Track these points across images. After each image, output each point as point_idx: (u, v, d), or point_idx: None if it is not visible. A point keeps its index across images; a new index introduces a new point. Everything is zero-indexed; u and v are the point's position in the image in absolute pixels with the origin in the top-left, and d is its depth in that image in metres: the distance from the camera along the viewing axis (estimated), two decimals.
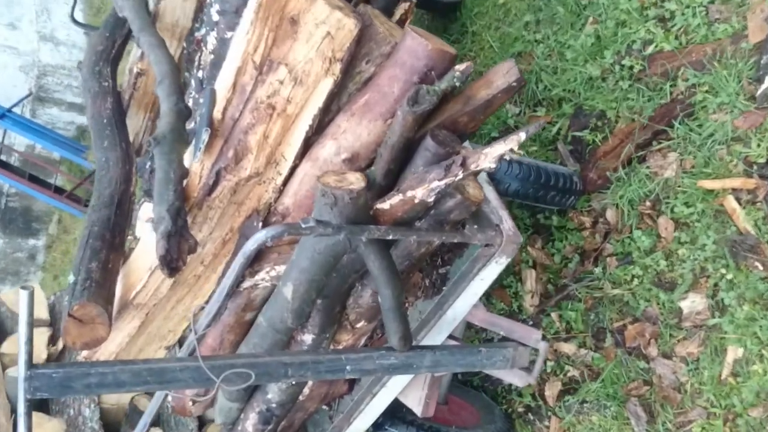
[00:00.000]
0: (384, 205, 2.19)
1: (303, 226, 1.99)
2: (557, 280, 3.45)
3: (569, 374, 3.31)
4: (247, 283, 2.69)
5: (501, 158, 1.97)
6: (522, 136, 1.87)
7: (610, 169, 3.33)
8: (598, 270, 3.24)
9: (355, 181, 2.11)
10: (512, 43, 3.88)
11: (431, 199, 2.13)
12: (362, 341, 2.80)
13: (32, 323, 1.95)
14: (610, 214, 3.30)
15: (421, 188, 2.12)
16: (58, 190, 7.69)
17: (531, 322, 3.48)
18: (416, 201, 2.14)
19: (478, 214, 2.37)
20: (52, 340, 5.60)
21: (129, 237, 3.24)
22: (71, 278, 2.85)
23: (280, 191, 2.67)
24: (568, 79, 3.53)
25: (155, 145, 2.63)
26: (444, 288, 2.63)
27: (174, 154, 2.63)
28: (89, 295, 2.70)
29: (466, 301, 2.56)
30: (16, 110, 7.92)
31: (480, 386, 3.65)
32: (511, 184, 2.90)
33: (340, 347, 2.74)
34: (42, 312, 5.19)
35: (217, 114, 2.55)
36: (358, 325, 2.66)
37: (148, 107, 3.60)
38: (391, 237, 2.13)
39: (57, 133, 8.58)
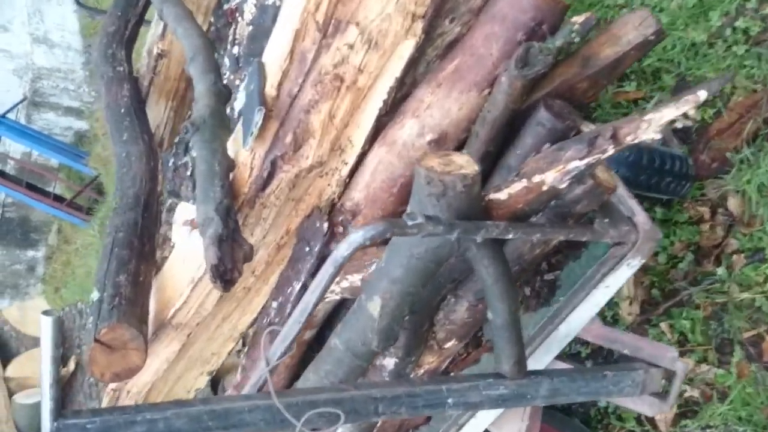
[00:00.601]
0: (500, 195, 1.72)
1: (409, 223, 1.52)
2: (663, 284, 2.96)
3: (686, 394, 2.83)
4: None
5: (666, 127, 1.50)
6: (701, 95, 1.40)
7: (729, 149, 2.85)
8: (721, 270, 2.75)
9: (466, 164, 1.64)
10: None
11: (564, 186, 1.66)
12: (445, 364, 2.33)
13: (59, 359, 1.47)
14: (733, 203, 2.81)
15: (554, 171, 1.65)
16: (58, 199, 7.27)
17: None
18: (545, 188, 1.67)
19: (606, 205, 1.90)
20: (62, 361, 5.10)
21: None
22: (94, 294, 2.38)
23: (345, 184, 2.19)
24: (665, 46, 3.06)
25: (194, 132, 2.16)
26: (552, 298, 2.16)
27: (217, 142, 2.16)
28: (119, 315, 2.22)
29: (584, 314, 2.09)
30: (11, 116, 7.49)
31: (567, 408, 3.18)
32: (618, 170, 2.40)
33: (422, 371, 2.27)
34: None
35: (270, 90, 2.08)
36: (447, 345, 2.20)
37: (171, 95, 3.13)
38: (511, 236, 1.65)
39: (54, 138, 8.12)
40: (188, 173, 2.98)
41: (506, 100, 1.93)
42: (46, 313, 1.50)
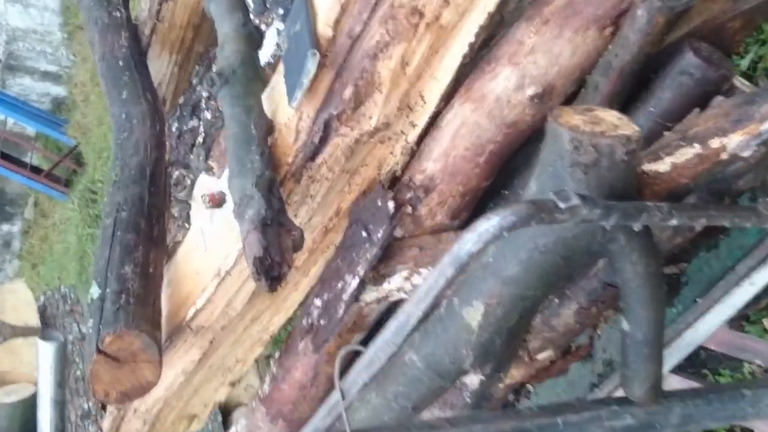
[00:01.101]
0: (659, 165, 1.26)
1: (562, 205, 1.06)
2: None
3: None
4: (370, 296, 1.75)
5: None
6: None
7: None
8: None
9: (620, 122, 1.18)
10: None
11: (748, 153, 1.21)
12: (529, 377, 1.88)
13: (63, 401, 1.00)
14: None
15: (740, 132, 1.19)
16: (35, 170, 6.80)
17: None
18: (724, 156, 1.21)
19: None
20: None
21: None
22: (93, 290, 1.90)
23: (412, 152, 1.72)
24: None
25: (222, 85, 1.68)
26: (675, 297, 1.71)
27: (251, 98, 1.69)
28: (128, 318, 1.76)
29: (716, 318, 1.65)
30: None
31: None
32: None
33: (501, 386, 1.82)
34: (32, 317, 4.21)
35: (324, 30, 1.59)
36: (541, 356, 1.76)
37: (176, 46, 2.63)
38: (675, 222, 1.20)
39: (31, 105, 7.59)
40: (199, 139, 2.49)
41: (641, 41, 1.46)
42: (44, 337, 1.02)
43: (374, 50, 1.57)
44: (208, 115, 2.42)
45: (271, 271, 1.50)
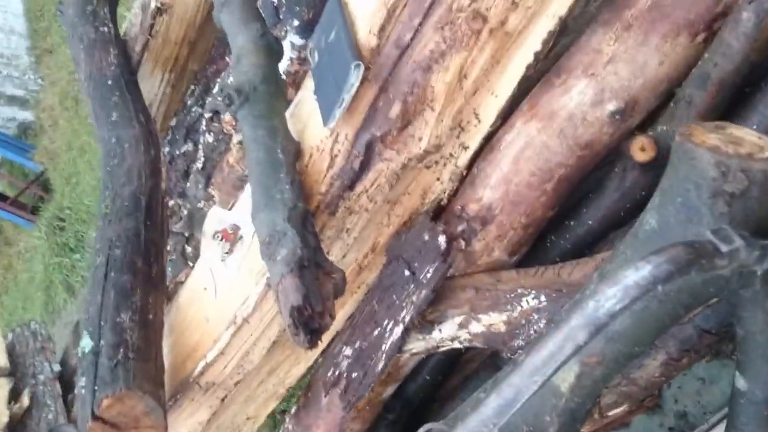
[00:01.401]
0: None
1: (724, 249, 0.83)
2: None
3: None
4: (416, 346, 1.50)
5: None
6: None
7: None
8: None
9: (765, 144, 0.96)
10: None
11: None
12: None
13: None
14: None
15: None
16: (0, 197, 6.47)
17: None
18: None
19: None
20: (14, 395, 4.23)
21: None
22: (85, 343, 1.64)
23: (462, 178, 1.48)
24: None
25: (242, 104, 1.43)
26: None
27: (275, 118, 1.45)
28: (127, 377, 1.49)
29: None
30: None
31: None
32: None
33: None
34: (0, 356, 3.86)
35: (367, 38, 1.35)
36: (612, 413, 1.51)
37: (169, 63, 2.37)
38: None
39: None
40: (197, 165, 2.23)
41: (747, 48, 1.24)
42: None
43: (428, 61, 1.33)
44: (209, 138, 2.16)
45: (310, 322, 1.24)
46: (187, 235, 2.35)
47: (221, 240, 1.64)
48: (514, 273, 1.45)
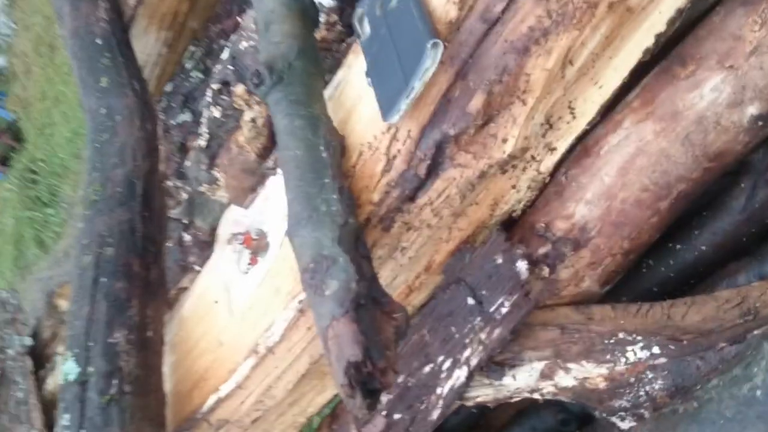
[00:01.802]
0: None
1: None
2: None
3: None
4: (481, 394, 1.22)
5: None
6: None
7: None
8: None
9: None
10: None
11: None
12: None
13: None
14: None
15: None
16: None
17: None
18: None
19: None
20: None
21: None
22: (69, 368, 1.34)
23: (543, 185, 1.18)
24: None
25: (273, 84, 1.11)
26: None
27: (316, 104, 1.15)
28: (123, 419, 1.20)
29: None
30: None
31: None
32: None
33: None
34: None
35: (444, 7, 1.04)
36: None
37: (166, 22, 2.03)
38: None
39: None
40: (200, 142, 1.92)
41: None
42: None
43: (524, 41, 1.02)
44: (215, 112, 1.84)
45: (370, 382, 0.95)
46: (186, 222, 2.04)
47: (242, 246, 1.33)
48: (609, 309, 1.16)
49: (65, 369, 1.35)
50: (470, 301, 1.23)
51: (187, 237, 2.05)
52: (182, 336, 1.45)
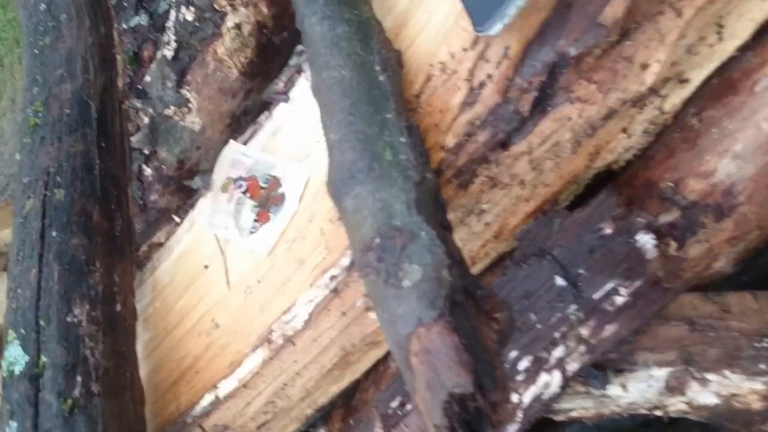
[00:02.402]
0: None
1: None
2: None
3: None
4: (580, 407, 0.92)
5: None
6: None
7: None
8: None
9: None
10: None
11: None
12: None
13: None
14: None
15: None
16: None
17: None
18: None
19: None
20: None
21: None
22: (14, 354, 1.00)
23: (661, 131, 0.86)
24: None
25: None
26: None
27: (363, 5, 0.77)
28: (91, 428, 0.85)
29: None
30: None
31: None
32: None
33: None
34: None
35: None
36: None
37: None
38: None
39: None
40: (166, 52, 1.54)
41: None
42: None
43: None
44: (186, 14, 1.45)
45: (477, 421, 0.64)
46: (147, 152, 1.66)
47: (245, 195, 0.98)
48: (750, 299, 0.87)
49: (8, 356, 1.00)
50: (559, 281, 0.92)
51: (147, 170, 1.68)
52: (160, 308, 1.11)
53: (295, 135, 1.00)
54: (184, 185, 1.69)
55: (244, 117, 1.57)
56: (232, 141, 1.07)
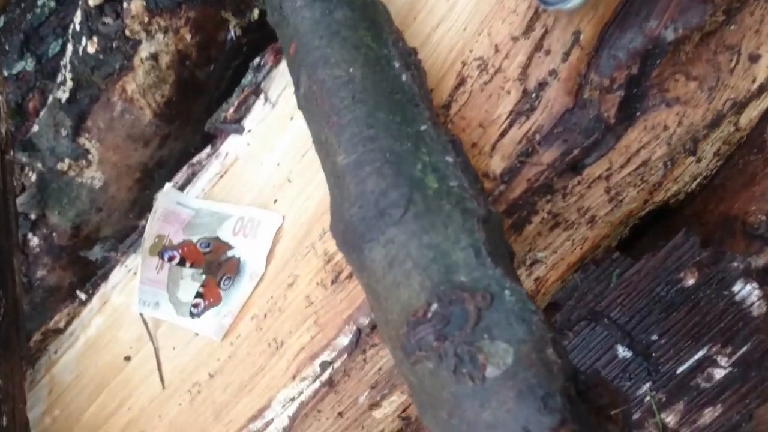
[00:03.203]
0: None
1: None
2: None
3: None
4: None
5: None
6: None
7: None
8: None
9: None
10: None
11: None
12: None
13: None
14: None
15: None
16: None
17: None
18: None
19: None
20: None
21: None
22: None
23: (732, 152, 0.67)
24: None
25: None
26: None
27: None
28: None
29: None
30: None
31: None
32: None
33: None
34: None
35: None
36: None
37: None
38: None
39: None
40: (60, 95, 1.26)
41: None
42: None
43: None
44: (88, 46, 1.17)
45: None
46: (33, 217, 1.35)
47: (180, 264, 0.70)
48: None
49: None
50: (623, 351, 0.69)
51: (34, 240, 1.36)
52: (60, 419, 0.80)
53: (254, 175, 0.74)
54: (80, 257, 1.37)
55: (158, 170, 1.29)
56: (167, 185, 0.79)
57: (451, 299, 0.46)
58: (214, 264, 0.72)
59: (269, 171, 0.73)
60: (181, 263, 0.72)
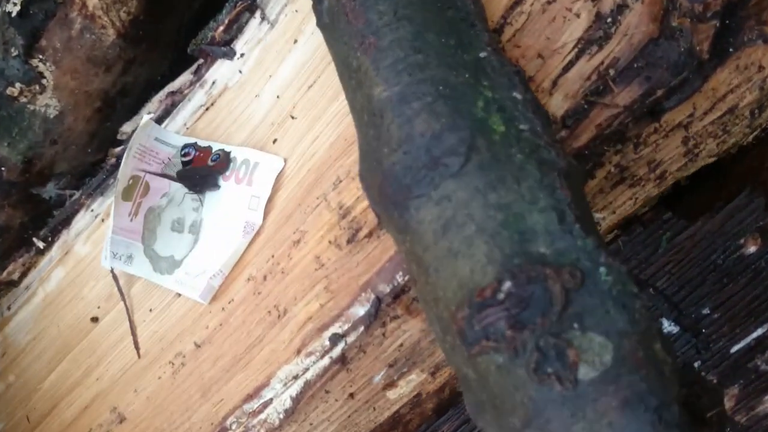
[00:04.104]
0: None
1: None
2: None
3: None
4: None
5: None
6: None
7: None
8: None
9: None
10: None
11: None
12: None
13: None
14: None
15: None
16: None
17: None
18: None
19: None
20: None
21: None
22: None
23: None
24: None
25: None
26: None
27: None
28: None
29: None
30: None
31: None
32: None
33: None
34: None
35: None
36: None
37: None
38: None
39: None
40: (9, 8, 1.11)
41: None
42: None
43: None
44: None
45: None
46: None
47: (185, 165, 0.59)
48: None
49: None
50: (669, 326, 0.60)
51: None
52: (16, 386, 0.68)
53: (247, 109, 0.62)
54: (33, 194, 1.23)
55: (121, 100, 1.15)
56: (146, 117, 0.67)
57: (529, 276, 0.36)
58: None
59: (267, 104, 0.61)
60: (188, 163, 0.61)
